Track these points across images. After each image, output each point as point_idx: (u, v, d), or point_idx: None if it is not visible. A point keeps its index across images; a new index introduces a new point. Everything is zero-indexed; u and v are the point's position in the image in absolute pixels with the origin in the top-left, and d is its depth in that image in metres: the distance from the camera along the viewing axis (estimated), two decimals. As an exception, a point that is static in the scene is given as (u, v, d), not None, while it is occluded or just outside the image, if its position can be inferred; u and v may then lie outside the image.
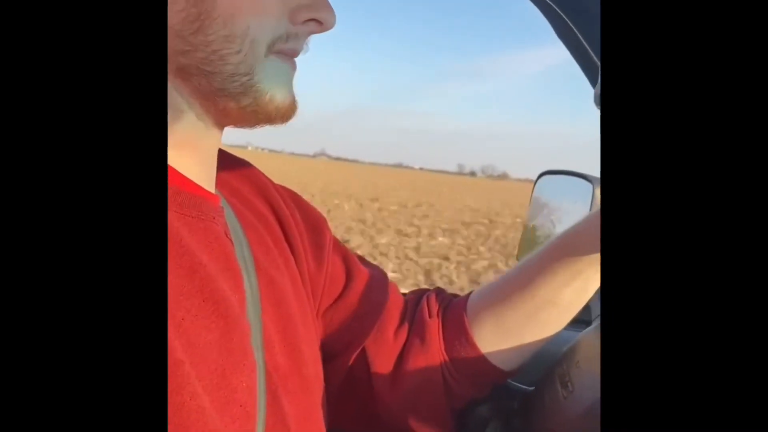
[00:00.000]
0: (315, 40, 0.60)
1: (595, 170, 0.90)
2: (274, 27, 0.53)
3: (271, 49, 0.53)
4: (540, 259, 0.71)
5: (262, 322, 0.56)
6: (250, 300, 0.55)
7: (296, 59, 0.57)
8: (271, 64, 0.53)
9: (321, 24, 0.56)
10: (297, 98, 0.57)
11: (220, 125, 0.56)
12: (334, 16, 0.56)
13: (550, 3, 0.66)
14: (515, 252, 1.20)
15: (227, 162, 0.65)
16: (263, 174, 0.71)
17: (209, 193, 0.57)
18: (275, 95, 0.54)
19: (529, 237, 1.16)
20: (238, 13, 0.51)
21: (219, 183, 0.61)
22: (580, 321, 0.76)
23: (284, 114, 0.56)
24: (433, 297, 0.76)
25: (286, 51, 0.55)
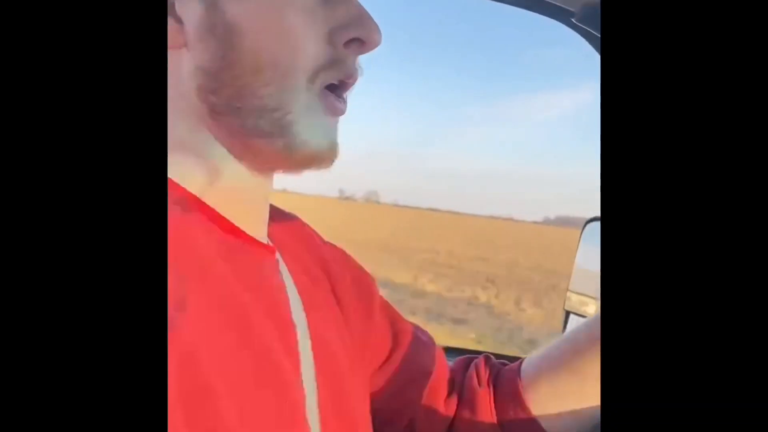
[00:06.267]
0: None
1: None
2: (312, 54, 0.48)
3: (315, 80, 0.49)
4: (595, 323, 0.66)
5: (317, 387, 0.52)
6: (306, 360, 0.51)
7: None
8: (310, 100, 0.49)
9: (365, 43, 0.50)
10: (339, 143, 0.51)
11: (262, 170, 0.52)
12: (378, 32, 0.50)
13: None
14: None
15: (275, 215, 0.61)
16: (313, 229, 0.68)
17: (264, 243, 0.53)
18: (310, 139, 0.49)
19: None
20: (265, 43, 0.47)
21: (268, 235, 0.57)
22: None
23: (321, 160, 0.50)
24: (482, 364, 0.72)
25: (335, 79, 0.50)
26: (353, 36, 0.49)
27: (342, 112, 0.51)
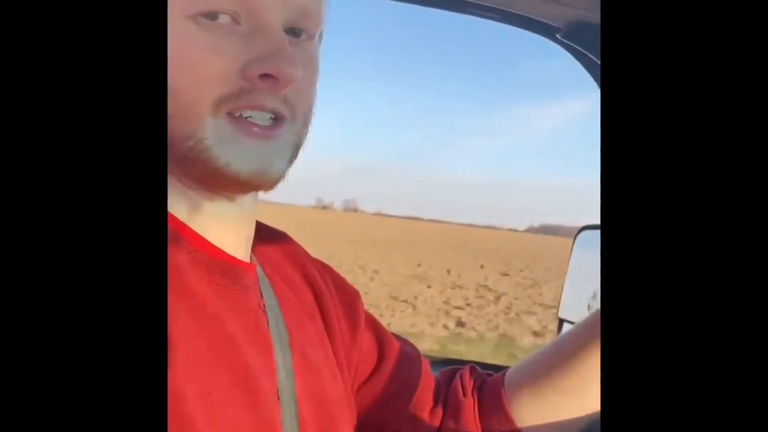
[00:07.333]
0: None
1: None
2: (217, 85, 0.49)
3: (220, 108, 0.49)
4: (578, 334, 0.68)
5: (297, 400, 0.54)
6: (283, 376, 0.53)
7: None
8: (220, 126, 0.49)
9: (277, 79, 0.50)
10: (276, 168, 0.52)
11: (217, 192, 0.53)
12: (293, 67, 0.49)
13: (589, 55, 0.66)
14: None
15: (263, 232, 0.63)
16: (299, 245, 0.69)
17: (243, 262, 0.55)
18: (232, 162, 0.49)
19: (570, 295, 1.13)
20: (169, 74, 0.46)
21: (255, 253, 0.59)
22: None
23: (251, 183, 0.51)
24: (467, 374, 0.74)
25: (242, 108, 0.50)
26: (264, 71, 0.49)
27: (264, 137, 0.51)
